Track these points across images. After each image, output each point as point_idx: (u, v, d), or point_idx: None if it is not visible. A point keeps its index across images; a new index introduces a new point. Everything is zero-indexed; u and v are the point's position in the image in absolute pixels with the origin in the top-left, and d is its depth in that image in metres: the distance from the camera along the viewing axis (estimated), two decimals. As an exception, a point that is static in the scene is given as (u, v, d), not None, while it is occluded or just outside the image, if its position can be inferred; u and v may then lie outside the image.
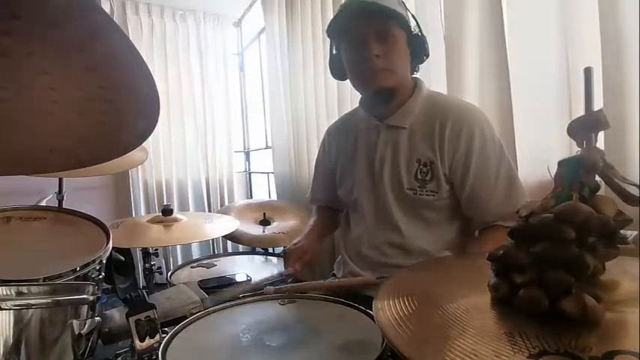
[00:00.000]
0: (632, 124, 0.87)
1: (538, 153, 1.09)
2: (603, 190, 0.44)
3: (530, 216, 0.42)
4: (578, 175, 0.42)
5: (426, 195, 0.98)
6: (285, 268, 1.08)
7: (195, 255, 3.02)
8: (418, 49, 1.00)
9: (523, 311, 0.39)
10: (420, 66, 1.07)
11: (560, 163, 0.45)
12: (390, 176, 1.03)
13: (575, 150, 0.45)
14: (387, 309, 0.43)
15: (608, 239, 0.40)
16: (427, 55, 1.03)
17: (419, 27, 1.01)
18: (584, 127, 0.44)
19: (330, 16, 1.00)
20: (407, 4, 1.02)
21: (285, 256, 1.10)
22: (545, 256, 0.39)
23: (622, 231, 0.41)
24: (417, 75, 1.08)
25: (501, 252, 0.43)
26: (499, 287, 0.42)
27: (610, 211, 0.40)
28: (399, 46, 0.97)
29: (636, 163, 0.86)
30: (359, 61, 0.98)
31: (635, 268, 0.42)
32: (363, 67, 0.98)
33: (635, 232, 0.42)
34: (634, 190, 0.41)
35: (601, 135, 0.45)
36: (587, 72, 0.45)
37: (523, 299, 0.39)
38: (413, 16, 1.01)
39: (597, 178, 0.43)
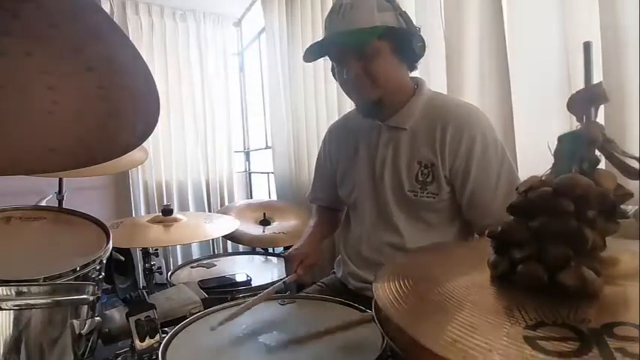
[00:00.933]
0: (632, 122, 0.87)
1: (538, 153, 1.09)
2: (603, 164, 0.43)
3: (529, 191, 0.42)
4: (578, 149, 0.42)
5: (427, 197, 0.98)
6: (286, 273, 1.07)
7: (195, 255, 3.01)
8: (408, 47, 0.96)
9: (522, 286, 0.39)
10: (420, 66, 1.06)
11: (560, 139, 0.44)
12: (391, 178, 1.02)
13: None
14: (386, 289, 0.43)
15: (608, 213, 0.39)
16: (422, 48, 0.98)
17: (404, 19, 0.95)
18: (583, 101, 0.44)
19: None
20: (407, 5, 1.01)
21: (286, 261, 1.08)
22: (544, 230, 0.39)
23: (622, 206, 0.40)
24: (416, 74, 1.07)
25: (500, 228, 0.43)
26: (498, 264, 0.42)
27: (610, 185, 0.40)
28: (382, 57, 0.94)
29: (636, 137, 0.85)
30: (342, 80, 1.02)
31: (635, 245, 0.42)
32: (347, 87, 1.03)
33: (636, 207, 0.42)
34: (634, 164, 0.41)
35: (601, 110, 0.45)
36: (587, 46, 0.44)
37: (522, 274, 0.39)
38: (400, 12, 0.96)
39: (597, 152, 0.43)
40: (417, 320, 0.37)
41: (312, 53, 1.01)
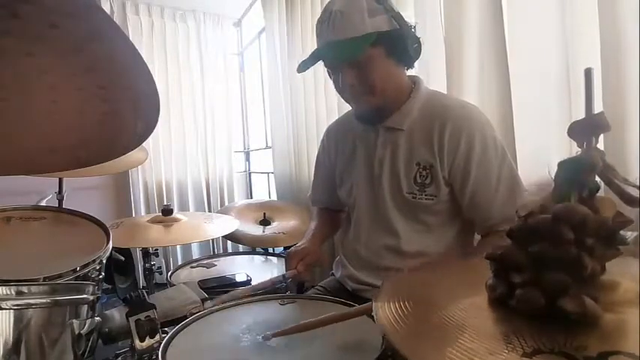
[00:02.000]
0: (632, 124, 0.87)
1: (538, 153, 1.09)
2: (603, 191, 0.44)
3: (528, 216, 0.42)
4: (577, 175, 0.42)
5: (425, 199, 0.97)
6: (286, 269, 1.06)
7: (195, 255, 3.02)
8: (403, 49, 0.93)
9: (520, 311, 0.39)
10: (420, 66, 1.06)
11: (560, 164, 0.45)
12: (389, 179, 1.01)
13: (575, 150, 0.45)
14: (387, 308, 0.43)
15: (608, 240, 0.39)
16: (418, 49, 0.96)
17: (397, 21, 0.91)
18: (584, 130, 0.44)
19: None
20: (406, 5, 1.01)
21: (287, 257, 1.08)
22: (543, 256, 0.39)
23: (622, 232, 0.41)
24: (415, 72, 1.06)
25: (500, 252, 0.43)
26: (497, 287, 0.42)
27: (609, 212, 0.40)
28: (377, 63, 0.93)
29: (636, 164, 0.86)
30: (337, 87, 1.02)
31: (636, 268, 0.42)
32: (344, 95, 1.02)
33: (636, 233, 0.42)
34: (634, 191, 0.41)
35: (601, 135, 0.45)
36: (588, 73, 0.44)
37: (520, 299, 0.39)
38: (392, 14, 0.92)
39: (597, 179, 0.43)
40: (417, 344, 0.37)
41: (305, 64, 0.99)
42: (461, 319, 0.40)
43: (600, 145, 0.44)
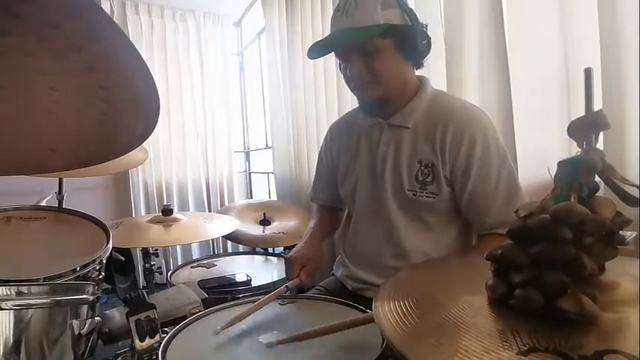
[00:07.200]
0: (632, 124, 0.87)
1: (538, 153, 1.09)
2: (603, 190, 0.44)
3: (528, 216, 0.42)
4: (577, 175, 0.42)
5: (426, 197, 0.97)
6: (287, 277, 1.05)
7: (195, 255, 3.02)
8: (413, 45, 0.95)
9: (519, 310, 0.39)
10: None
11: (560, 164, 0.45)
12: (391, 177, 1.02)
13: (575, 150, 0.45)
14: (386, 307, 0.43)
15: (606, 240, 0.40)
16: (428, 46, 0.97)
17: (409, 17, 0.94)
18: (584, 128, 0.44)
19: (330, 15, 1.01)
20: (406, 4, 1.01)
21: (287, 265, 1.06)
22: (542, 256, 0.40)
23: (622, 232, 0.41)
24: (415, 73, 1.06)
25: (500, 251, 0.44)
26: (496, 288, 0.42)
27: (608, 212, 0.40)
28: (386, 54, 0.94)
29: (636, 164, 0.86)
30: (345, 76, 1.02)
31: (635, 268, 0.42)
32: (350, 83, 1.02)
33: (635, 233, 0.42)
34: (633, 191, 0.41)
35: (601, 135, 0.45)
36: (588, 72, 0.44)
37: (519, 298, 0.39)
38: (406, 9, 0.94)
39: (597, 178, 0.43)
40: (415, 342, 0.38)
41: (315, 51, 1.01)
42: (459, 318, 0.40)
43: (600, 145, 0.44)
